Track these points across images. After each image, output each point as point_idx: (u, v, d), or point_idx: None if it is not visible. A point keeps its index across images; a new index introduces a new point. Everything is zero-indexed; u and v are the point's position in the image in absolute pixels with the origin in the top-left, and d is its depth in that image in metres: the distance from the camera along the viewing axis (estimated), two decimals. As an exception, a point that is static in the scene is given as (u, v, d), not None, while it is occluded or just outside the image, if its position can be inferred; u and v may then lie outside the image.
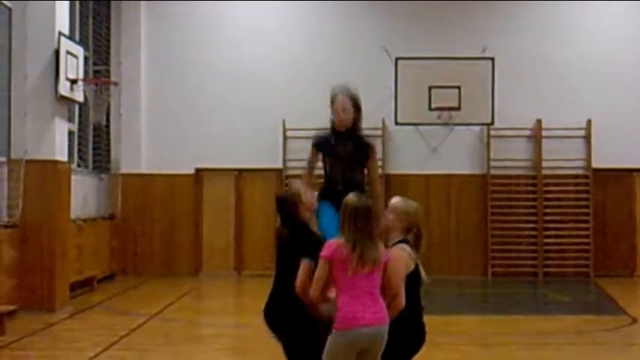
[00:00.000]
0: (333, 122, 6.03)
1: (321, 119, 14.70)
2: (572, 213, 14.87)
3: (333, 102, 5.97)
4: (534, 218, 14.88)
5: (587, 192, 14.85)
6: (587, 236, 14.78)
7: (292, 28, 14.90)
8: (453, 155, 14.83)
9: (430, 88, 14.06)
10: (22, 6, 10.30)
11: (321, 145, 6.05)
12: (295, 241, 5.00)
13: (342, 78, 6.51)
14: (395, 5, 14.84)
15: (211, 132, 14.80)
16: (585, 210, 14.83)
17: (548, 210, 14.84)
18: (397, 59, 13.87)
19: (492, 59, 14.19)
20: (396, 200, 5.11)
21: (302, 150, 14.23)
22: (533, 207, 14.88)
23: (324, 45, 14.53)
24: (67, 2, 10.97)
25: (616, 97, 14.81)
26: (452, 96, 14.07)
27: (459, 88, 14.11)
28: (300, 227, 5.09)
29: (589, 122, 14.79)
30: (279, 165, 14.75)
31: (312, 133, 5.77)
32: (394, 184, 14.26)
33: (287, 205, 5.16)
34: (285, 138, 14.71)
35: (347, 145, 5.95)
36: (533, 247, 14.89)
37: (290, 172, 14.44)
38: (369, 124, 14.35)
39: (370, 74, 14.13)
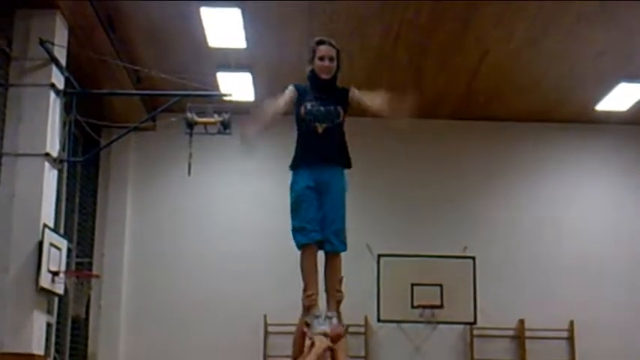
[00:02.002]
0: (312, 72, 5.86)
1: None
2: (558, 416, 14.55)
3: (314, 51, 5.83)
4: (520, 421, 14.53)
5: (573, 395, 14.60)
6: None
7: (273, 225, 15.01)
8: (437, 354, 14.62)
9: (412, 285, 14.09)
10: (9, 197, 10.40)
11: (300, 88, 5.88)
12: None
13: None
14: (377, 203, 15.11)
15: (191, 327, 14.58)
16: (571, 413, 14.52)
17: (533, 413, 14.52)
18: (379, 256, 13.98)
19: (473, 258, 14.33)
20: None
21: (285, 346, 14.12)
22: (519, 409, 14.56)
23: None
24: (54, 195, 11.11)
25: (598, 297, 14.84)
26: (434, 294, 14.07)
27: (441, 286, 14.14)
28: None
29: (571, 323, 14.75)
30: (260, 362, 14.49)
31: (294, 328, 5.61)
32: (376, 383, 13.99)
33: None
34: (266, 333, 14.52)
35: (327, 91, 5.83)
36: None
37: (270, 370, 14.17)
38: (351, 320, 14.37)
39: (352, 270, 14.15)
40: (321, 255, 6.09)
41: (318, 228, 5.80)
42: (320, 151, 5.81)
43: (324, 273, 5.88)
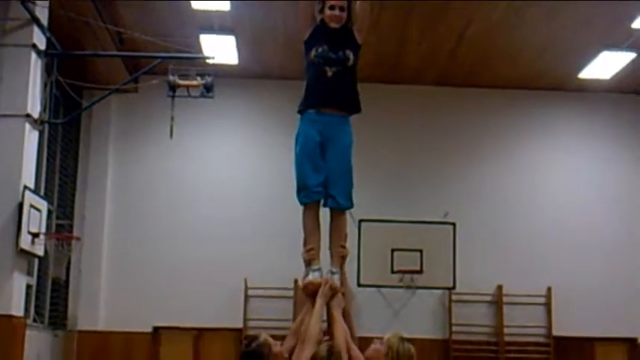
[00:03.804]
0: (321, 21, 5.74)
1: (283, 278, 14.69)
2: (534, 381, 14.73)
3: (324, 0, 5.70)
4: (497, 385, 14.71)
5: (548, 360, 14.78)
6: (549, 405, 14.59)
7: (255, 189, 15.08)
8: (415, 319, 14.71)
9: (393, 250, 14.17)
10: (-11, 160, 10.36)
11: (317, 27, 5.75)
12: None
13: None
14: (358, 168, 15.09)
15: (171, 290, 14.61)
16: (547, 378, 14.71)
17: (510, 377, 14.71)
18: (360, 221, 14.00)
19: (454, 224, 14.40)
20: (392, 338, 5.09)
21: (264, 310, 14.21)
22: (496, 374, 14.74)
23: (287, 205, 14.60)
24: (35, 157, 11.05)
25: (576, 264, 14.98)
26: (414, 259, 14.15)
27: (420, 251, 14.21)
28: None
29: (549, 290, 14.89)
30: (240, 325, 14.52)
31: (275, 292, 5.69)
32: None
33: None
34: (246, 297, 14.57)
35: (337, 38, 5.74)
36: (496, 416, 14.63)
37: (251, 333, 14.22)
38: (331, 285, 14.45)
39: (333, 236, 14.23)
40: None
41: (320, 188, 5.68)
42: (328, 93, 5.68)
43: (329, 229, 5.78)
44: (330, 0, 5.71)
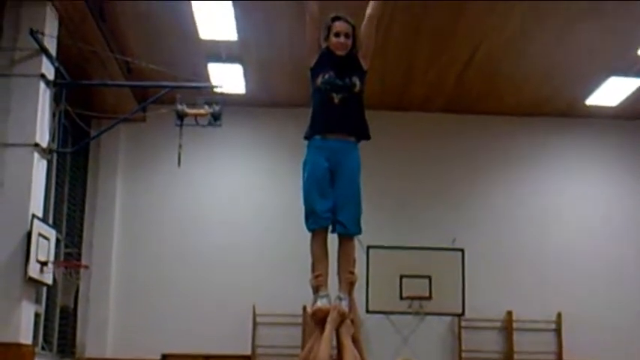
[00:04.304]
0: (327, 49, 5.76)
1: (292, 305, 14.66)
2: (545, 408, 14.63)
3: (329, 27, 5.73)
4: (507, 413, 14.61)
5: (559, 386, 14.68)
6: None
7: (263, 217, 15.09)
8: (425, 345, 14.66)
9: (401, 277, 14.14)
10: (-3, 189, 10.39)
11: (323, 53, 5.76)
12: None
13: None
14: (366, 195, 15.09)
15: (180, 317, 14.59)
16: (558, 405, 14.61)
17: (521, 404, 14.60)
18: (369, 247, 14.00)
19: (462, 250, 14.38)
20: None
21: (272, 336, 14.18)
22: (506, 401, 14.65)
23: (295, 232, 14.58)
24: (43, 186, 11.09)
25: (585, 290, 14.92)
26: (423, 286, 14.12)
27: (429, 278, 14.19)
28: None
29: (559, 315, 14.83)
30: (248, 351, 14.48)
31: (283, 319, 5.68)
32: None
33: None
34: (255, 324, 14.54)
35: (343, 65, 5.74)
36: None
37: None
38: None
39: (342, 262, 14.21)
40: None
41: (328, 214, 5.67)
42: (335, 120, 5.68)
43: (337, 255, 5.76)
44: (335, 27, 5.77)
